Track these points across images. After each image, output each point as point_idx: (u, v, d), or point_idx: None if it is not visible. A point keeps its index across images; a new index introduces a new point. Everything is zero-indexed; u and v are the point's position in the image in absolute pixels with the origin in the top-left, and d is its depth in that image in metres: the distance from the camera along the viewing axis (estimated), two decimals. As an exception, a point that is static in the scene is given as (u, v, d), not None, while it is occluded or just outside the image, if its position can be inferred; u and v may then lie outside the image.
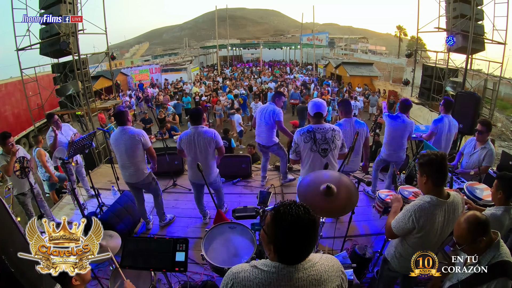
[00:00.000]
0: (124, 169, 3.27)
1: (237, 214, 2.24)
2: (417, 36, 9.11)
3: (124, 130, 3.17)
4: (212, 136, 3.16)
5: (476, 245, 1.46)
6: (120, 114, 3.20)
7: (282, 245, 1.03)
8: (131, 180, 3.31)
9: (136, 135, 3.15)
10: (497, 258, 1.44)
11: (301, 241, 1.02)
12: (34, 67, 6.88)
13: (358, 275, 2.36)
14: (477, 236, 1.45)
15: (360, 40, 46.08)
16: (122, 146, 3.15)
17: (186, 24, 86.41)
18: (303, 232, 1.01)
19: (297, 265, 1.05)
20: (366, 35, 61.32)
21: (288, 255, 1.05)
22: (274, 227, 1.03)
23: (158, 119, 8.83)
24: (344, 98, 7.52)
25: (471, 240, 1.46)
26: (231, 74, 22.66)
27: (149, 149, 3.28)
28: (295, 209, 1.01)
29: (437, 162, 1.66)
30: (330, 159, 2.59)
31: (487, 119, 3.40)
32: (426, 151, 1.76)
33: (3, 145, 3.33)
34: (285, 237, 1.02)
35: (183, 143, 3.21)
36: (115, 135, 3.21)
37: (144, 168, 3.31)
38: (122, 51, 53.70)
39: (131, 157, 3.18)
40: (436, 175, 1.68)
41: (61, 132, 4.14)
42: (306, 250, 1.05)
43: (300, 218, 1.00)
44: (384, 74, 20.24)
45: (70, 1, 6.21)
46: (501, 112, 13.58)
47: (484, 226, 1.46)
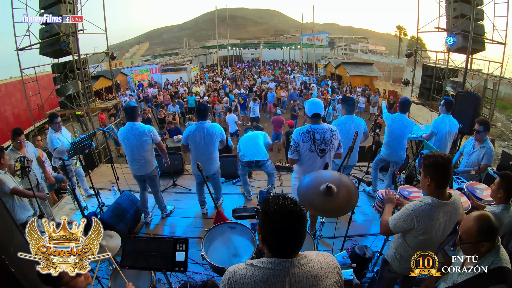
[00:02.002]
0: (133, 163, 3.40)
1: (237, 214, 2.25)
2: (417, 36, 9.11)
3: (134, 126, 3.28)
4: (220, 132, 3.38)
5: (479, 246, 1.43)
6: (131, 110, 3.33)
7: (269, 234, 1.07)
8: (139, 172, 3.46)
9: (147, 131, 3.29)
10: (496, 263, 1.41)
11: (288, 230, 1.04)
12: (34, 67, 6.89)
13: (358, 275, 2.36)
14: (484, 238, 1.41)
15: (360, 40, 46.03)
16: (133, 141, 3.27)
17: (186, 24, 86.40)
18: (290, 221, 1.04)
19: (293, 260, 1.06)
20: (366, 35, 61.28)
21: (277, 245, 1.07)
22: (262, 216, 1.07)
23: (158, 119, 8.83)
24: (348, 96, 7.50)
25: (476, 240, 1.42)
26: (231, 74, 22.66)
27: (158, 143, 3.45)
28: (282, 200, 1.06)
29: (443, 165, 1.62)
30: (327, 160, 2.61)
31: (484, 119, 3.40)
32: (431, 152, 1.71)
33: (13, 140, 3.39)
34: (271, 226, 1.05)
35: (190, 139, 3.35)
36: (125, 130, 3.32)
37: (152, 161, 3.48)
38: (122, 51, 53.65)
39: (142, 152, 3.32)
40: (440, 178, 1.65)
41: (62, 134, 4.13)
42: (295, 241, 1.07)
43: (286, 207, 1.04)
44: (384, 74, 20.21)
45: (70, 1, 6.21)
46: (501, 112, 13.56)
47: (493, 231, 1.42)
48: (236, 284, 1.06)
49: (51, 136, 3.99)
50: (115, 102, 9.70)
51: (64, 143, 4.03)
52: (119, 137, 3.41)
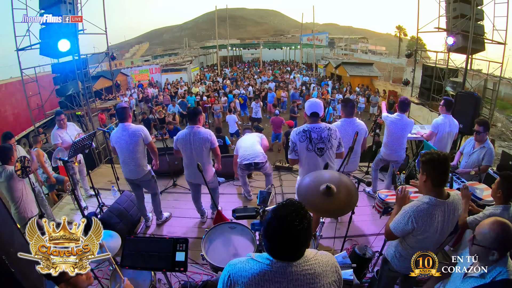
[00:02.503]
0: (125, 165, 3.32)
1: (237, 214, 2.24)
2: (417, 36, 9.12)
3: (125, 127, 3.21)
4: (207, 137, 3.18)
5: (489, 253, 1.35)
6: (121, 110, 3.25)
7: (271, 244, 1.07)
8: (131, 176, 3.35)
9: (137, 131, 3.22)
10: (503, 275, 1.33)
11: (291, 244, 1.05)
12: (34, 67, 6.88)
13: (358, 275, 2.36)
14: (498, 247, 1.33)
15: (360, 40, 45.99)
16: (123, 142, 3.20)
17: (186, 24, 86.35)
18: (293, 241, 1.04)
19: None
20: (366, 35, 61.24)
21: (277, 254, 1.08)
22: (267, 225, 1.07)
23: (158, 119, 8.84)
24: (348, 98, 7.49)
25: (490, 246, 1.34)
26: (231, 74, 22.66)
27: (149, 143, 3.34)
28: (289, 211, 1.05)
29: (439, 162, 1.63)
30: (327, 159, 2.58)
31: (484, 119, 3.40)
32: (430, 150, 1.74)
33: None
34: (273, 236, 1.06)
35: (179, 143, 3.23)
36: (116, 131, 3.26)
37: (144, 164, 3.36)
38: (122, 51, 53.62)
39: (132, 153, 3.23)
40: (436, 175, 1.66)
41: (66, 132, 4.14)
42: (295, 251, 1.07)
43: (292, 228, 1.02)
44: (384, 74, 20.20)
45: (70, 1, 6.21)
46: (501, 112, 13.56)
47: (510, 243, 1.34)
48: (234, 276, 1.08)
49: (53, 132, 4.05)
50: (115, 102, 9.69)
51: (65, 140, 4.04)
52: (111, 139, 3.32)
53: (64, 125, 4.14)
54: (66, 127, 4.18)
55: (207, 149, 3.24)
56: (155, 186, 3.53)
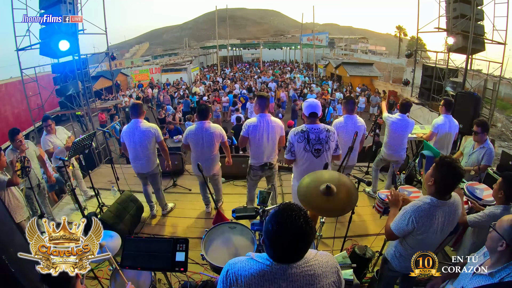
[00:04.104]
0: (136, 161, 3.44)
1: (237, 214, 2.24)
2: (417, 36, 9.12)
3: (138, 123, 3.32)
4: (219, 132, 3.37)
5: (499, 243, 1.34)
6: (136, 106, 3.37)
7: (271, 247, 1.06)
8: (142, 170, 3.50)
9: (150, 128, 3.34)
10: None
11: (292, 252, 1.05)
12: (34, 67, 6.88)
13: (358, 275, 2.36)
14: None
15: (360, 40, 46.00)
16: (137, 139, 3.31)
17: (186, 24, 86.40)
18: (295, 246, 1.03)
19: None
20: (366, 35, 61.26)
21: (276, 257, 1.07)
22: (266, 229, 1.06)
23: (158, 119, 8.84)
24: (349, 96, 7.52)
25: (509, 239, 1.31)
26: (231, 75, 22.66)
27: (161, 142, 3.48)
28: (291, 216, 1.02)
29: (453, 177, 1.59)
30: (323, 160, 2.56)
31: (482, 120, 3.39)
32: (451, 158, 1.65)
33: (12, 141, 3.40)
34: (274, 240, 1.04)
35: (190, 138, 3.34)
36: (129, 127, 3.36)
37: (155, 159, 3.53)
38: (122, 51, 53.57)
39: (145, 149, 3.36)
40: (443, 186, 1.64)
41: (56, 136, 4.09)
42: (294, 255, 1.06)
43: (293, 227, 1.01)
44: (384, 74, 20.23)
45: (70, 1, 6.20)
46: (501, 112, 13.58)
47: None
48: (234, 275, 1.08)
49: (43, 138, 4.01)
50: (115, 102, 9.70)
51: (56, 145, 4.01)
52: (122, 134, 3.42)
53: (52, 130, 4.07)
54: (55, 131, 4.12)
55: (218, 143, 3.41)
56: (159, 180, 3.67)
